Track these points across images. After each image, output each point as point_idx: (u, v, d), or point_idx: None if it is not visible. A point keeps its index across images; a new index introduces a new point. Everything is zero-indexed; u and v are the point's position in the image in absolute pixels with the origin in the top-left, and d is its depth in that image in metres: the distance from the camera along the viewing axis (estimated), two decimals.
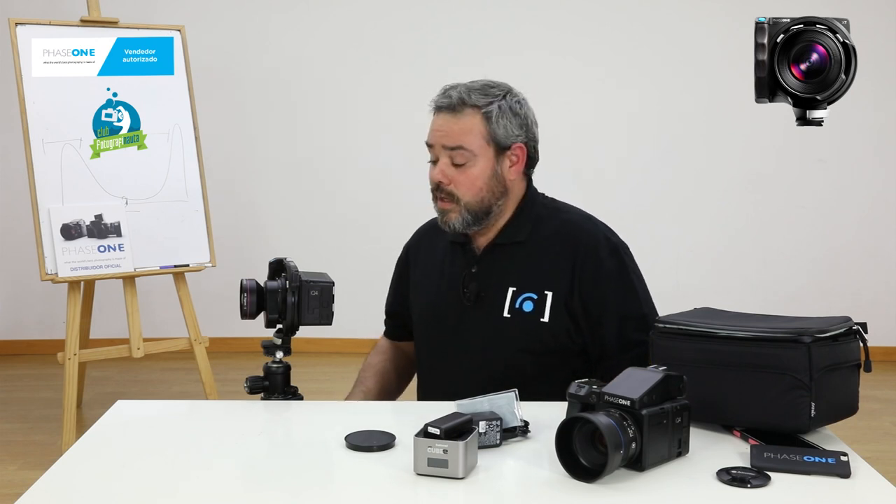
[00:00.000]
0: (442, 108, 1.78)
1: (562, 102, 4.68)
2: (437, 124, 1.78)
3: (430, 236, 1.99)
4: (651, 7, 4.78)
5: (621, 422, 1.23)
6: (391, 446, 1.38)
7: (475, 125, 1.76)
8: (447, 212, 1.79)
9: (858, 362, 1.46)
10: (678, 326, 1.49)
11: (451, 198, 1.77)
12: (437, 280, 1.90)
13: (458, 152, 1.76)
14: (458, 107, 1.76)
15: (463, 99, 1.76)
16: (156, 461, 1.36)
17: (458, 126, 1.76)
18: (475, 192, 1.77)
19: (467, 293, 1.82)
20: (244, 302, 1.64)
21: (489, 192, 1.78)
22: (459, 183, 1.77)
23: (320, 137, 4.82)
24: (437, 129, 1.78)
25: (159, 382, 4.26)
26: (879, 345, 3.22)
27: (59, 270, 3.29)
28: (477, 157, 1.76)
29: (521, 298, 1.77)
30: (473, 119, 1.76)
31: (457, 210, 1.78)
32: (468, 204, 1.77)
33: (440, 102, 1.78)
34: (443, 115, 1.78)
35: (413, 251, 2.02)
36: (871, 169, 4.85)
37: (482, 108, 1.76)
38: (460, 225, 1.78)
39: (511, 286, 1.78)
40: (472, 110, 1.76)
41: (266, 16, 4.77)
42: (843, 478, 1.26)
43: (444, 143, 1.76)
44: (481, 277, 1.82)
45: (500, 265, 1.81)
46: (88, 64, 3.45)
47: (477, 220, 1.79)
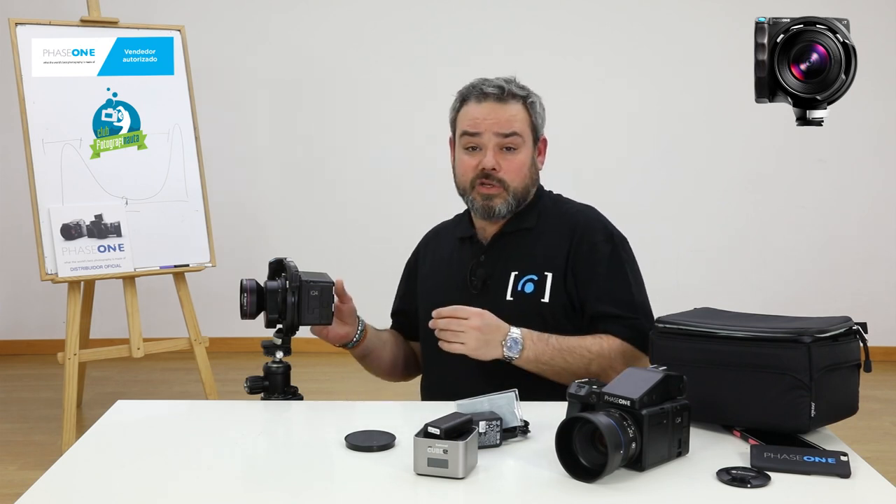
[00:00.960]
0: (488, 96, 1.81)
1: (562, 102, 4.64)
2: (485, 112, 1.81)
3: (437, 240, 2.03)
4: (651, 7, 4.78)
5: (621, 422, 1.23)
6: (391, 446, 1.38)
7: (521, 112, 1.82)
8: (493, 196, 1.81)
9: (858, 362, 1.46)
10: (678, 326, 1.49)
11: (501, 184, 1.81)
12: (444, 274, 1.92)
13: (511, 138, 1.80)
14: (506, 96, 1.81)
15: (509, 89, 1.82)
16: (156, 461, 1.36)
17: (509, 113, 1.81)
18: (522, 178, 1.83)
19: (475, 281, 1.85)
20: (244, 302, 1.64)
21: (530, 179, 1.85)
22: (509, 169, 1.81)
23: (320, 137, 4.82)
24: (486, 117, 1.80)
25: (159, 382, 4.26)
26: (879, 345, 3.21)
27: (59, 270, 3.29)
28: (524, 144, 1.82)
29: (523, 281, 1.81)
30: (518, 107, 1.83)
31: (503, 196, 1.81)
32: (515, 190, 1.82)
33: (487, 90, 1.82)
34: (489, 104, 1.81)
35: (422, 253, 2.05)
36: (871, 169, 4.85)
37: (525, 97, 1.83)
38: (506, 210, 1.82)
39: (514, 270, 1.82)
40: (516, 99, 1.82)
41: (266, 16, 4.77)
42: (843, 478, 1.26)
43: (498, 130, 1.80)
44: (488, 265, 1.85)
45: (506, 252, 1.85)
46: (88, 64, 3.45)
47: (518, 206, 1.84)
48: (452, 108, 1.89)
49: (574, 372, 1.67)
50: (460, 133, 1.85)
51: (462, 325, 1.65)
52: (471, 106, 1.83)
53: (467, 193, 1.85)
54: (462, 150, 1.85)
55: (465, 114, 1.84)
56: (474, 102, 1.83)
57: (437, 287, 1.91)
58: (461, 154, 1.85)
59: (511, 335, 1.68)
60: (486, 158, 1.80)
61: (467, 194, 1.85)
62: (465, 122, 1.83)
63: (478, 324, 1.65)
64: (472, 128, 1.81)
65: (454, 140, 1.90)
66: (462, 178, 1.86)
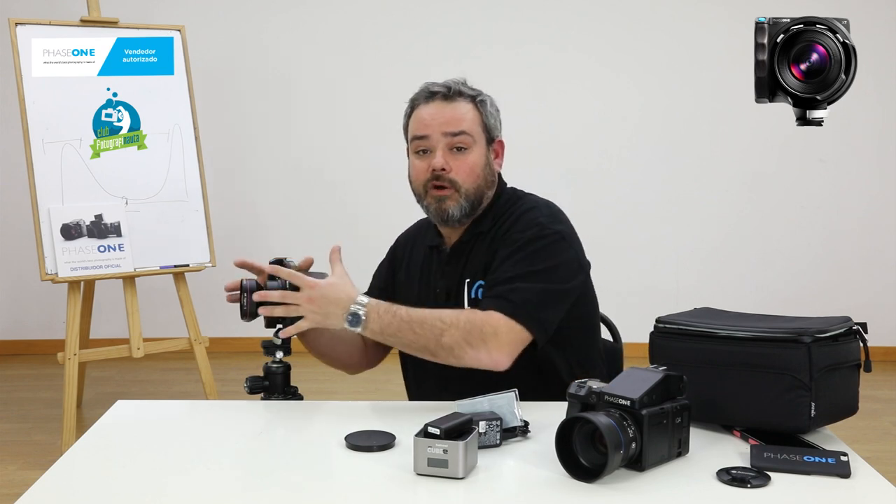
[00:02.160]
0: (436, 96, 1.78)
1: (562, 100, 4.69)
2: (432, 112, 1.77)
3: (413, 244, 1.98)
4: (651, 6, 4.78)
5: (621, 422, 1.23)
6: (391, 446, 1.38)
7: (470, 111, 1.79)
8: (445, 199, 1.76)
9: (858, 362, 1.46)
10: (678, 326, 1.49)
11: (452, 185, 1.76)
12: (416, 285, 1.90)
13: (460, 137, 1.76)
14: (455, 95, 1.78)
15: (457, 88, 1.79)
16: (156, 461, 1.36)
17: (457, 112, 1.77)
18: (474, 179, 1.77)
19: (439, 292, 1.82)
20: (244, 302, 1.64)
21: (484, 180, 1.79)
22: (460, 169, 1.76)
23: (320, 137, 4.82)
24: (433, 118, 1.77)
25: (159, 382, 4.26)
26: (879, 345, 3.22)
27: (59, 270, 3.29)
28: (476, 143, 1.78)
29: (476, 287, 1.77)
30: (468, 106, 1.79)
31: (456, 198, 1.76)
32: (467, 191, 1.77)
33: (433, 90, 1.79)
34: (436, 104, 1.78)
35: (399, 255, 2.00)
36: (871, 169, 4.85)
37: (475, 97, 1.80)
38: (458, 213, 1.77)
39: (467, 278, 1.79)
40: (465, 99, 1.79)
41: (266, 16, 4.77)
42: (843, 478, 1.26)
43: (447, 129, 1.76)
44: (448, 275, 1.83)
45: (463, 260, 1.81)
46: (88, 64, 3.45)
47: (472, 209, 1.79)
48: (405, 115, 1.85)
49: (424, 345, 1.60)
50: (411, 137, 1.82)
51: (294, 297, 1.58)
52: (419, 108, 1.80)
53: (422, 199, 1.81)
54: (413, 155, 1.82)
55: (415, 117, 1.81)
56: (423, 104, 1.80)
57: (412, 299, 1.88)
58: (413, 159, 1.82)
59: (352, 309, 1.59)
60: (436, 159, 1.75)
61: (422, 199, 1.81)
62: (414, 125, 1.80)
63: (309, 295, 1.58)
64: (421, 130, 1.78)
65: (408, 148, 1.86)
66: (416, 183, 1.81)
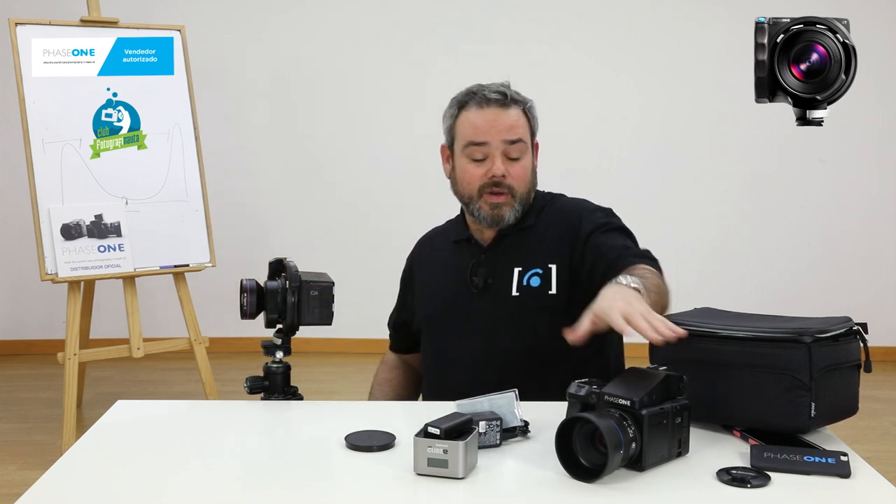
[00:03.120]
0: (491, 102, 1.80)
1: (562, 100, 4.68)
2: (489, 119, 1.79)
3: (431, 245, 2.01)
4: (651, 6, 4.78)
5: (621, 422, 1.23)
6: (391, 446, 1.38)
7: (522, 119, 1.83)
8: (502, 205, 1.81)
9: (859, 362, 1.45)
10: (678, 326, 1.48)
11: (510, 191, 1.80)
12: (442, 277, 1.91)
13: (517, 145, 1.80)
14: (510, 103, 1.81)
15: (511, 95, 1.81)
16: (156, 461, 1.36)
17: (513, 120, 1.81)
18: (526, 185, 1.83)
19: (475, 281, 1.84)
20: (244, 302, 1.64)
21: (532, 184, 1.86)
22: (517, 176, 1.81)
23: (320, 137, 4.82)
24: (492, 125, 1.79)
25: (159, 382, 4.26)
26: (879, 345, 3.21)
27: (59, 270, 3.29)
28: (528, 150, 1.83)
29: (529, 275, 1.80)
30: (519, 113, 1.83)
31: (511, 203, 1.81)
32: (521, 196, 1.82)
33: (490, 96, 1.80)
34: (493, 110, 1.80)
35: (416, 262, 2.03)
36: (871, 169, 4.85)
37: (524, 103, 1.84)
38: (513, 217, 1.82)
39: (517, 266, 1.81)
40: (516, 105, 1.82)
41: (266, 16, 4.77)
42: (843, 478, 1.26)
43: (506, 137, 1.79)
44: (489, 264, 1.85)
45: (508, 251, 1.84)
46: (88, 64, 3.45)
47: (523, 210, 1.84)
48: (449, 116, 1.86)
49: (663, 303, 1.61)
50: (465, 143, 1.81)
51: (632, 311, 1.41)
52: (472, 113, 1.81)
53: (474, 202, 1.83)
54: (466, 160, 1.82)
55: (466, 121, 1.81)
56: (475, 109, 1.80)
57: (436, 290, 1.90)
58: (465, 163, 1.82)
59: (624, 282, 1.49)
60: (496, 166, 1.78)
61: (474, 202, 1.83)
62: (469, 131, 1.80)
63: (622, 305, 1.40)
64: (478, 136, 1.79)
65: (450, 148, 1.87)
66: (468, 186, 1.83)
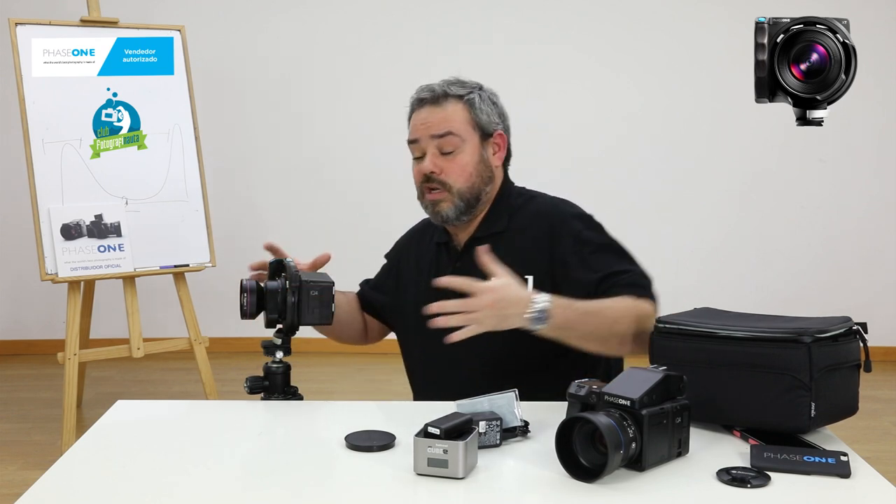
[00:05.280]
0: (424, 101, 1.81)
1: (562, 100, 4.69)
2: (421, 118, 1.81)
3: (419, 239, 2.01)
4: (651, 6, 4.78)
5: (621, 422, 1.23)
6: (391, 446, 1.38)
7: (458, 111, 1.80)
8: (439, 202, 1.79)
9: (858, 362, 1.45)
10: (678, 326, 1.49)
11: (444, 187, 1.79)
12: (423, 282, 1.88)
13: (446, 139, 1.78)
14: (441, 98, 1.80)
15: (444, 91, 1.80)
16: (156, 461, 1.36)
17: (443, 114, 1.79)
18: (466, 178, 1.79)
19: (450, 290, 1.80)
20: (244, 302, 1.64)
21: (478, 177, 1.81)
22: (450, 171, 1.79)
23: (320, 137, 4.83)
24: (421, 123, 1.81)
25: (159, 382, 4.26)
26: (879, 345, 3.22)
27: (59, 270, 3.29)
28: (465, 143, 1.80)
29: None
30: (456, 107, 1.80)
31: (449, 199, 1.79)
32: (460, 191, 1.79)
33: (421, 96, 1.82)
34: (426, 109, 1.81)
35: (405, 249, 2.02)
36: (871, 169, 4.85)
37: (463, 96, 1.81)
38: (453, 213, 1.79)
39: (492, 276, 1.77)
40: (454, 99, 1.81)
41: (266, 16, 4.77)
42: (843, 478, 1.26)
43: (432, 133, 1.79)
44: (463, 273, 1.79)
45: None
46: (88, 64, 3.45)
47: (469, 207, 1.80)
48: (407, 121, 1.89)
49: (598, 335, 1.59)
50: (407, 143, 1.86)
51: (475, 304, 1.52)
52: (413, 115, 1.84)
53: (421, 200, 1.85)
54: (413, 159, 1.86)
55: (410, 123, 1.85)
56: (415, 111, 1.84)
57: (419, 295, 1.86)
58: (413, 163, 1.86)
59: (535, 306, 1.54)
60: (424, 163, 1.79)
61: (421, 201, 1.85)
62: (409, 132, 1.84)
63: (491, 300, 1.52)
64: (412, 135, 1.83)
65: None
66: (415, 185, 1.85)
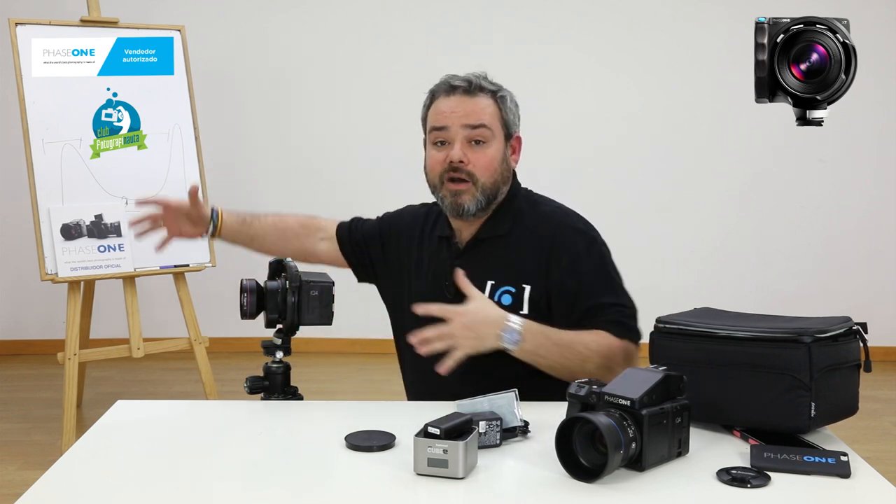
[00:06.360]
0: (456, 89, 1.78)
1: (562, 100, 4.68)
2: (452, 105, 1.77)
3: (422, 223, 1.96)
4: (651, 6, 4.78)
5: (621, 422, 1.23)
6: (391, 446, 1.38)
7: (491, 106, 1.79)
8: (462, 193, 1.76)
9: (858, 362, 1.45)
10: (678, 326, 1.49)
11: (470, 178, 1.76)
12: (424, 273, 1.88)
13: (478, 131, 1.76)
14: (476, 90, 1.78)
15: (479, 83, 1.79)
16: (156, 461, 1.36)
17: (477, 105, 1.77)
18: (491, 173, 1.78)
19: (448, 286, 1.78)
20: (244, 302, 1.64)
21: (500, 175, 1.80)
22: (478, 163, 1.76)
23: (320, 137, 4.82)
24: (453, 110, 1.77)
25: (159, 382, 4.26)
26: (879, 345, 3.21)
27: (59, 270, 3.29)
28: (494, 138, 1.78)
29: (500, 292, 1.76)
30: (488, 101, 1.79)
31: (472, 192, 1.76)
32: (484, 185, 1.77)
33: (454, 83, 1.79)
34: (457, 97, 1.78)
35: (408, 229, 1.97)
36: (871, 169, 4.85)
37: (496, 92, 1.80)
38: (474, 207, 1.77)
39: (490, 280, 1.77)
40: (487, 94, 1.79)
41: (266, 16, 4.77)
42: (843, 478, 1.26)
43: (466, 122, 1.76)
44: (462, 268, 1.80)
45: (481, 259, 1.80)
46: (88, 64, 3.45)
47: (488, 203, 1.79)
48: (423, 107, 1.85)
49: (569, 368, 1.63)
50: (429, 129, 1.81)
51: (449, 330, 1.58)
52: (439, 101, 1.80)
53: (437, 190, 1.81)
54: (431, 146, 1.81)
55: (434, 109, 1.81)
56: (443, 97, 1.79)
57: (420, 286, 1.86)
58: (430, 150, 1.82)
59: (509, 326, 1.61)
60: (454, 151, 1.75)
61: (437, 191, 1.81)
62: (434, 117, 1.80)
63: (463, 323, 1.59)
64: (440, 122, 1.78)
65: (425, 139, 1.86)
66: (431, 173, 1.81)
